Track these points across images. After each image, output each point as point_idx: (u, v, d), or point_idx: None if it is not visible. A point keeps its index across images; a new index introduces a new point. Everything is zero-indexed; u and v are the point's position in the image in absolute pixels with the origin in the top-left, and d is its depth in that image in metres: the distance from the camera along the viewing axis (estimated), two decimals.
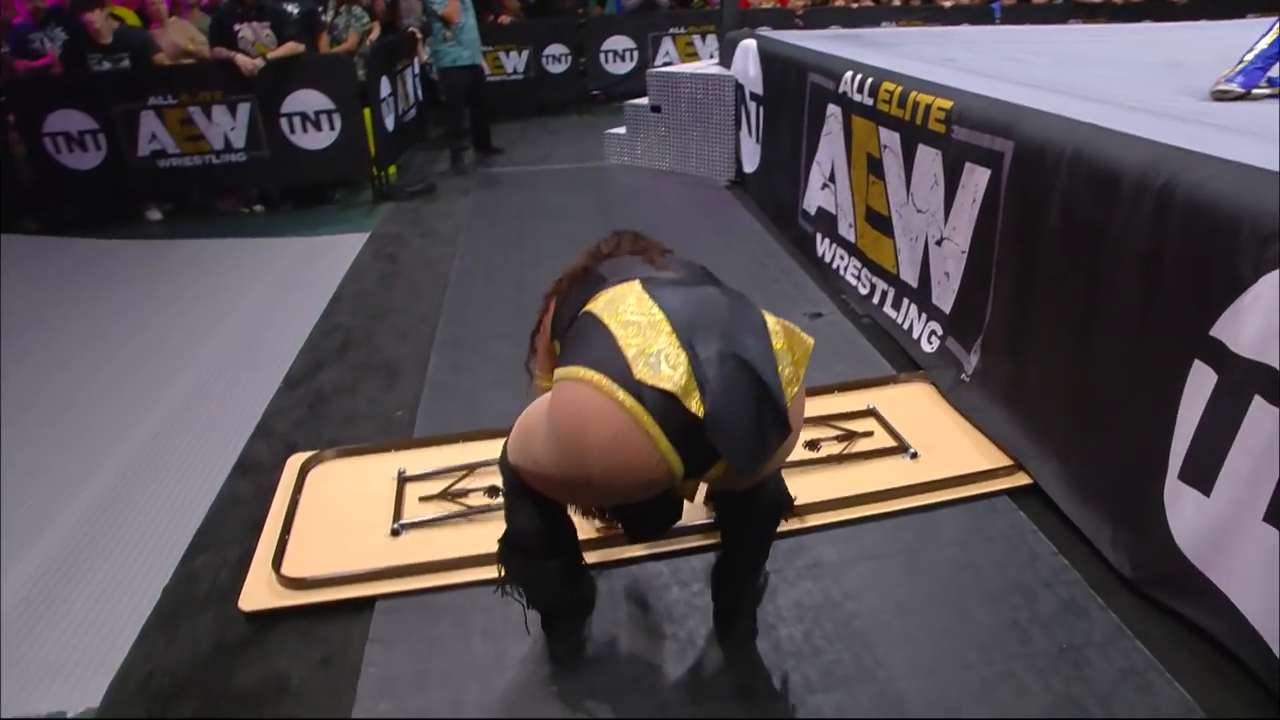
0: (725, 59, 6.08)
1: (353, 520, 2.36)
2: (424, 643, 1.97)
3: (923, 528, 2.30)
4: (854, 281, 3.81)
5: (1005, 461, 2.48)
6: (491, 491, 2.39)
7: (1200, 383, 1.87)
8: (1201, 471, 1.86)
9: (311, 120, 5.67)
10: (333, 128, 5.71)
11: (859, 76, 3.60)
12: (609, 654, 1.94)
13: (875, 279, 3.61)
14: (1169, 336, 1.95)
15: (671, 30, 8.81)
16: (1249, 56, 2.80)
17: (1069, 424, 2.33)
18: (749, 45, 5.38)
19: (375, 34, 6.82)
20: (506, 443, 1.65)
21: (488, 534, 1.94)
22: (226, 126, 5.64)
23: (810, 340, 1.53)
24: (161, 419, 3.13)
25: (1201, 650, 1.84)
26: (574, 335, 1.54)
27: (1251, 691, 1.73)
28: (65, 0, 5.90)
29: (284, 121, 5.65)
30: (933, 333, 3.14)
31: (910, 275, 3.30)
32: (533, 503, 1.63)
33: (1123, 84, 3.32)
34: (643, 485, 1.40)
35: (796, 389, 1.48)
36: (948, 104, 2.84)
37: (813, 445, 2.57)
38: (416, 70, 7.68)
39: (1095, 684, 1.79)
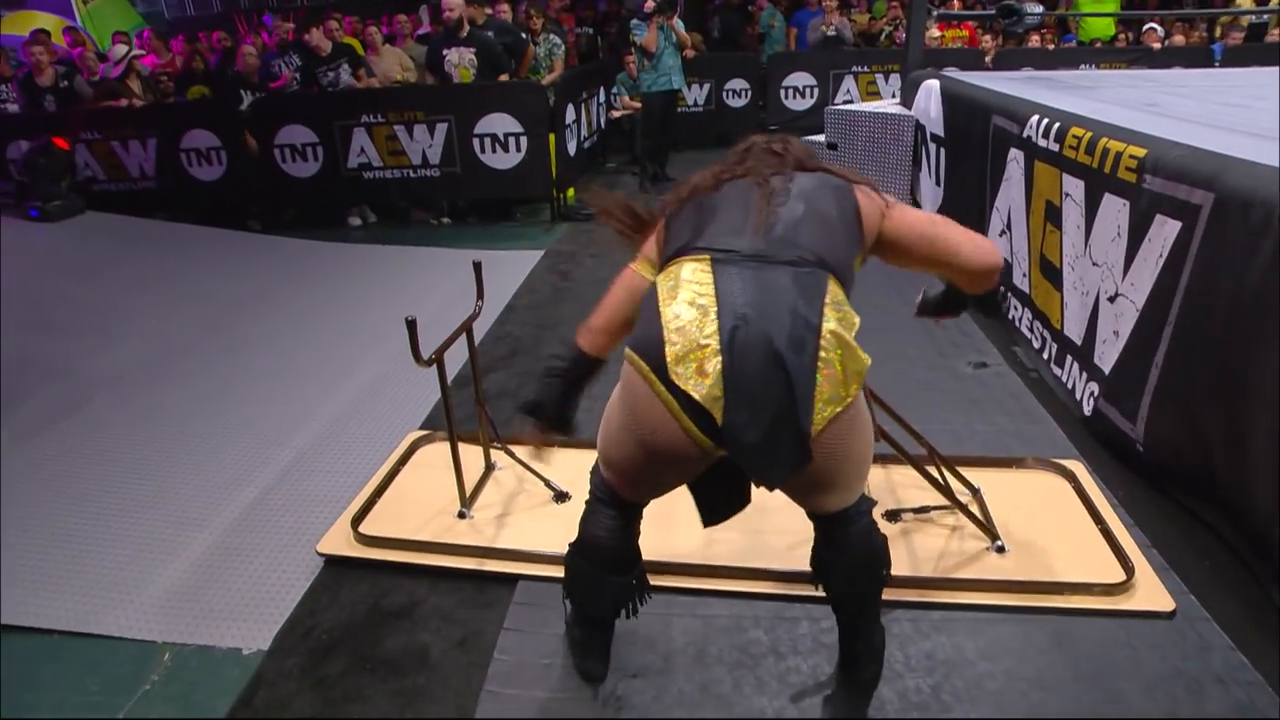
0: (907, 98, 5.97)
1: (433, 497, 2.65)
2: (555, 638, 2.07)
3: None
4: (1027, 334, 3.63)
5: (1119, 576, 2.16)
6: (560, 498, 2.63)
7: None
8: None
9: (500, 141, 6.09)
10: (519, 149, 6.10)
11: (1045, 120, 3.45)
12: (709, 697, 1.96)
13: (1045, 332, 3.43)
14: None
15: (854, 69, 8.73)
16: None
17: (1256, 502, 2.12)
18: (932, 85, 5.27)
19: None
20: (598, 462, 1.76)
21: (549, 532, 2.34)
22: (425, 144, 6.15)
23: (867, 359, 1.49)
24: (342, 405, 3.46)
25: None
26: (644, 304, 1.58)
27: None
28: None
29: (476, 141, 6.10)
30: (1091, 394, 2.95)
31: (1075, 332, 3.11)
32: (611, 511, 1.72)
33: None
34: (686, 453, 1.49)
35: (840, 410, 1.45)
36: (1141, 151, 2.67)
37: (891, 516, 2.41)
38: (601, 99, 8.04)
39: None
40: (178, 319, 4.53)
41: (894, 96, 8.55)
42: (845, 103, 8.35)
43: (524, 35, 6.73)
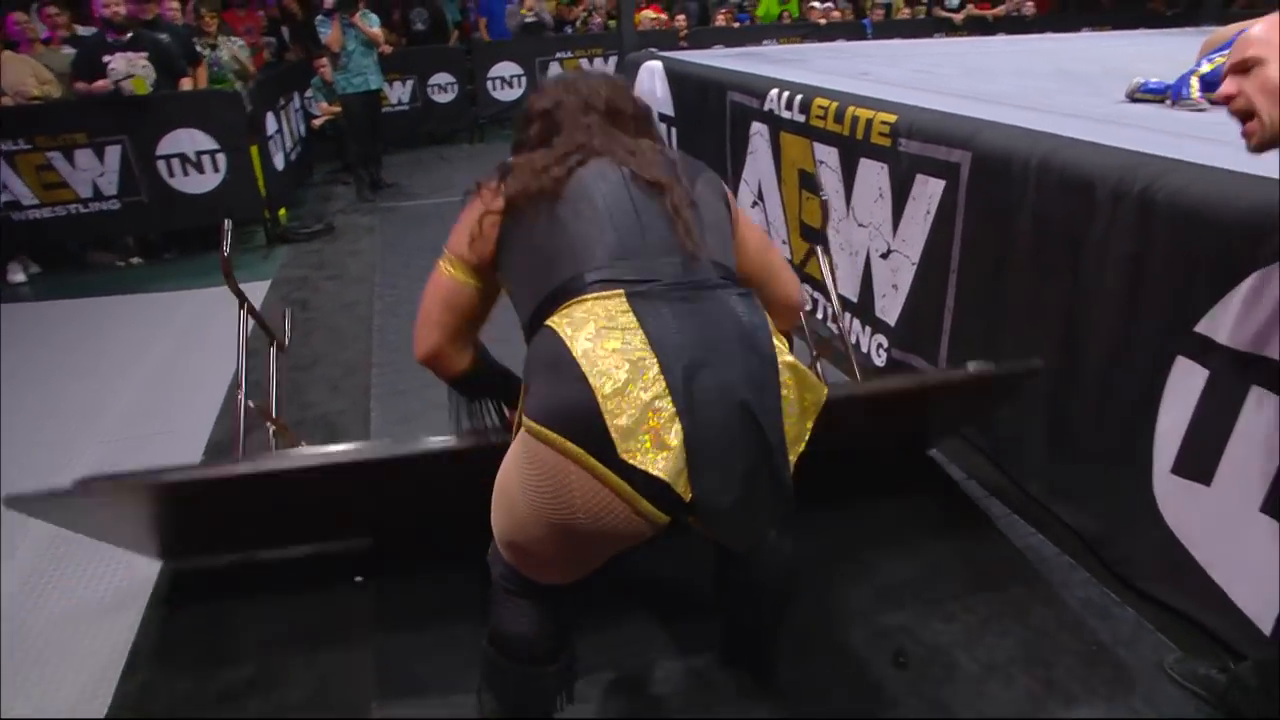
0: (628, 81, 6.05)
1: None
2: None
3: None
4: None
5: None
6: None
7: (1186, 378, 1.93)
8: (1199, 464, 1.92)
9: (193, 161, 5.25)
10: (218, 169, 5.31)
11: (786, 94, 3.62)
12: None
13: (815, 294, 3.63)
14: (1151, 336, 2.01)
15: (559, 55, 8.74)
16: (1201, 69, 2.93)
17: (1049, 427, 2.38)
18: (654, 66, 5.38)
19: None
20: (493, 544, 1.40)
21: None
22: (94, 172, 5.13)
23: (824, 390, 1.32)
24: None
25: None
26: (538, 358, 1.24)
27: None
28: None
29: (161, 164, 5.20)
30: (880, 345, 3.18)
31: (850, 290, 3.33)
32: (526, 602, 1.40)
33: (1041, 93, 3.47)
34: (636, 532, 1.22)
35: (802, 449, 1.30)
36: (892, 117, 2.88)
37: None
38: (299, 105, 7.29)
39: None
40: None
41: None
42: None
43: (194, 38, 5.85)
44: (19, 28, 6.60)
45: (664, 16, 8.69)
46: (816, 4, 9.21)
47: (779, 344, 1.26)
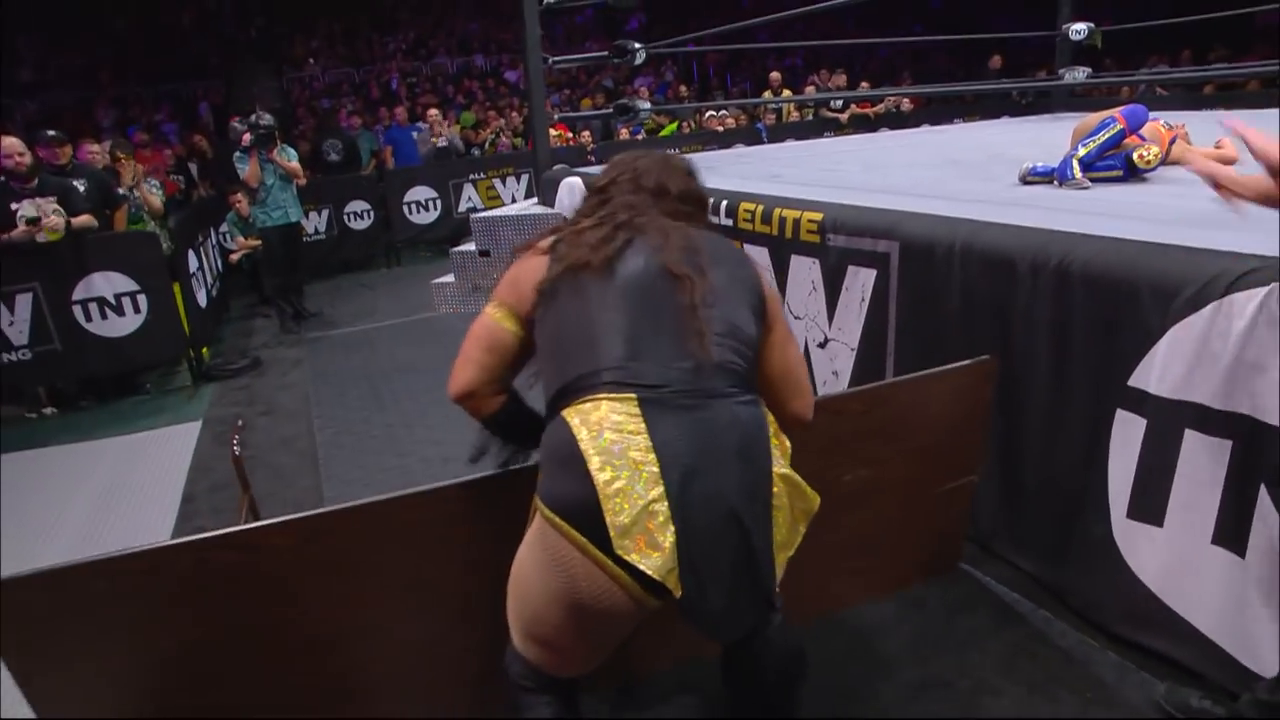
0: (546, 198, 6.28)
1: None
2: None
3: None
4: None
5: None
6: None
7: (1127, 428, 2.11)
8: (1150, 506, 2.07)
9: (112, 305, 5.12)
10: (139, 310, 5.18)
11: (712, 200, 3.84)
12: None
13: None
14: (1088, 392, 2.20)
15: (471, 176, 9.00)
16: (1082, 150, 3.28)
17: (1001, 488, 2.52)
18: (574, 182, 5.61)
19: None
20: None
21: None
22: (3, 322, 4.94)
23: (816, 499, 1.43)
24: None
25: None
26: (552, 447, 1.36)
27: None
28: None
29: (78, 309, 5.05)
30: None
31: None
32: (547, 698, 1.48)
33: (941, 181, 3.79)
34: (633, 615, 1.35)
35: (791, 554, 1.41)
36: (818, 215, 3.11)
37: None
38: (215, 241, 7.24)
39: None
40: None
41: (514, 200, 9.00)
42: (472, 210, 8.54)
43: (112, 180, 5.79)
44: None
45: (569, 134, 9.09)
46: (713, 112, 9.81)
47: (777, 453, 1.37)
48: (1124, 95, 8.26)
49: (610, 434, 1.28)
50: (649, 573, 1.25)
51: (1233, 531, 1.86)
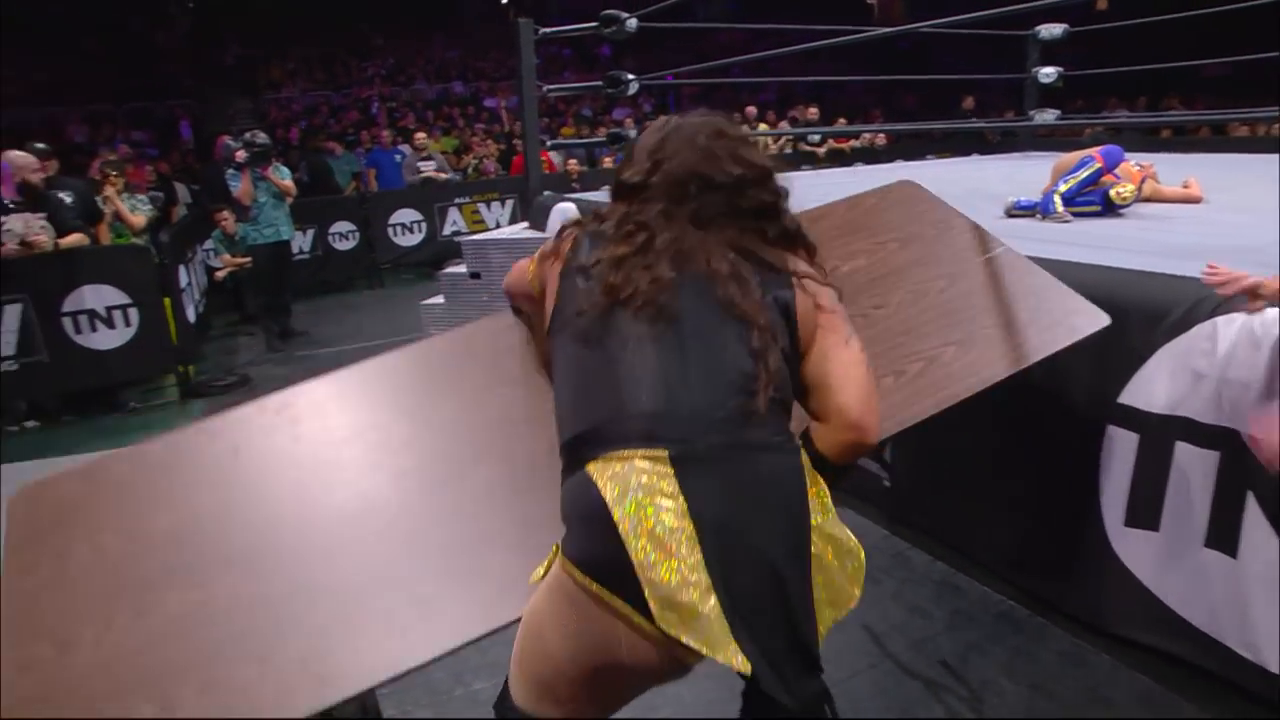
0: (537, 222, 6.38)
1: None
2: None
3: None
4: None
5: None
6: None
7: (1120, 443, 2.26)
8: (1146, 514, 2.22)
9: (103, 317, 5.10)
10: (129, 323, 5.18)
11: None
12: None
13: None
14: (1081, 410, 2.35)
15: (456, 200, 9.09)
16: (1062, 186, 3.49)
17: (999, 507, 2.66)
18: (566, 208, 5.69)
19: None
20: (505, 690, 1.36)
21: None
22: None
23: (860, 553, 1.30)
24: None
25: None
26: (577, 504, 1.25)
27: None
28: None
29: (67, 321, 5.03)
30: None
31: None
32: None
33: None
34: (668, 677, 1.28)
35: (840, 616, 1.29)
36: None
37: None
38: (201, 258, 7.24)
39: None
40: None
41: (498, 225, 9.10)
42: (456, 234, 8.62)
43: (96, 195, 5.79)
44: None
45: (555, 161, 9.25)
46: None
47: (815, 504, 1.26)
48: (1085, 135, 8.65)
49: (642, 499, 1.18)
50: (692, 644, 1.16)
51: (1224, 535, 2.01)
